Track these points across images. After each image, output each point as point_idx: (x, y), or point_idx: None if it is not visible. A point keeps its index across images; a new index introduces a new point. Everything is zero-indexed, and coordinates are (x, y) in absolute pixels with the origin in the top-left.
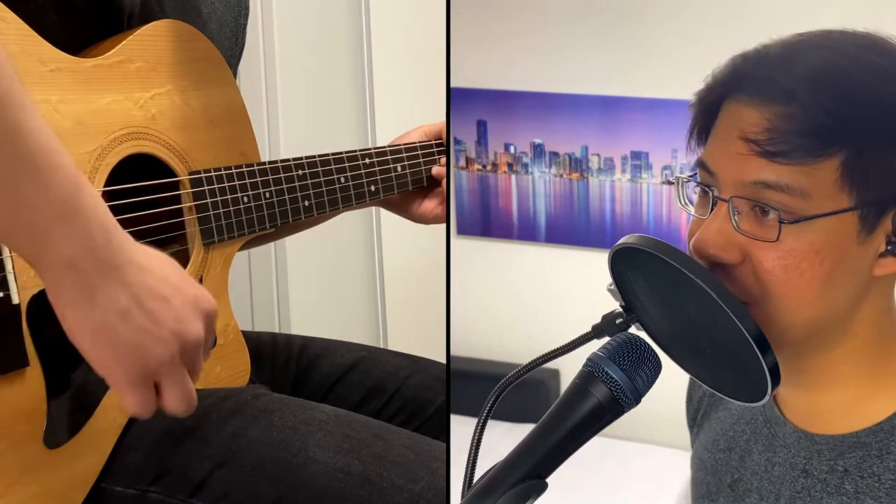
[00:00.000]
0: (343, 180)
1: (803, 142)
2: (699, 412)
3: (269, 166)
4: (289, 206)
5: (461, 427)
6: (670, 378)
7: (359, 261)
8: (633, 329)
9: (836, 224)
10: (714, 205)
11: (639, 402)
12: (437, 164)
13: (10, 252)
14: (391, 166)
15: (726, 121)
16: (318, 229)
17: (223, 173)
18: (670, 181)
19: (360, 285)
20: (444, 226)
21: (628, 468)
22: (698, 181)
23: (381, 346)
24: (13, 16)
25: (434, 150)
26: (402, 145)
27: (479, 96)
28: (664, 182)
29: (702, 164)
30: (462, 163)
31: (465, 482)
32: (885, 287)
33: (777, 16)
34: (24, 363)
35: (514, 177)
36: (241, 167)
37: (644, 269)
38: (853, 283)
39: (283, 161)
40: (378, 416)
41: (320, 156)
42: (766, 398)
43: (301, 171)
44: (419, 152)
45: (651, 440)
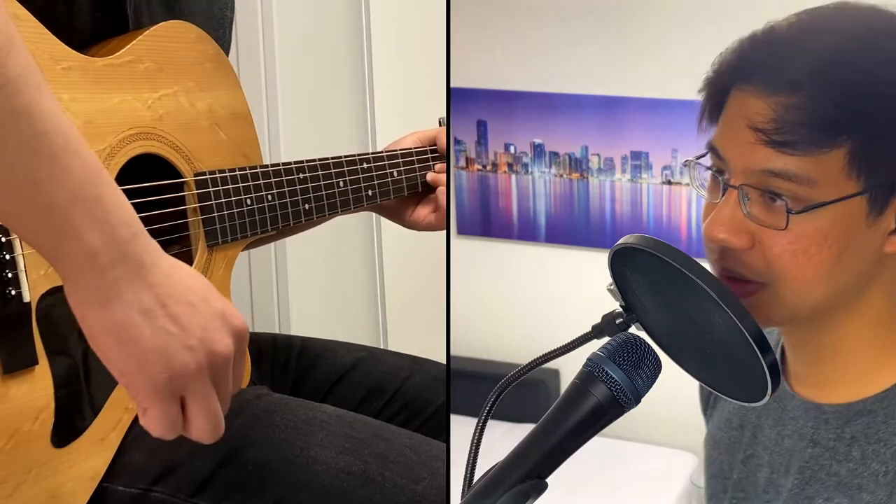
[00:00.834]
0: (342, 184)
1: (810, 132)
2: (711, 395)
3: (271, 169)
4: (290, 210)
5: (461, 427)
6: (670, 378)
7: (359, 261)
8: (633, 329)
9: (844, 209)
10: (725, 190)
11: (639, 402)
12: (432, 170)
13: (22, 250)
14: (388, 171)
15: (734, 108)
16: (318, 229)
17: (228, 175)
18: (670, 181)
19: (360, 286)
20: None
21: (628, 468)
22: (709, 165)
23: (381, 347)
24: (27, 13)
25: (429, 155)
26: (399, 150)
27: (479, 96)
28: (664, 182)
29: (712, 149)
30: (462, 163)
31: (465, 482)
32: None
33: (778, 17)
34: (33, 361)
35: (514, 177)
36: (245, 169)
37: (644, 269)
38: (863, 263)
39: (284, 164)
40: (378, 417)
41: (320, 160)
42: (766, 398)
43: (302, 175)
44: (414, 157)
45: (651, 440)
